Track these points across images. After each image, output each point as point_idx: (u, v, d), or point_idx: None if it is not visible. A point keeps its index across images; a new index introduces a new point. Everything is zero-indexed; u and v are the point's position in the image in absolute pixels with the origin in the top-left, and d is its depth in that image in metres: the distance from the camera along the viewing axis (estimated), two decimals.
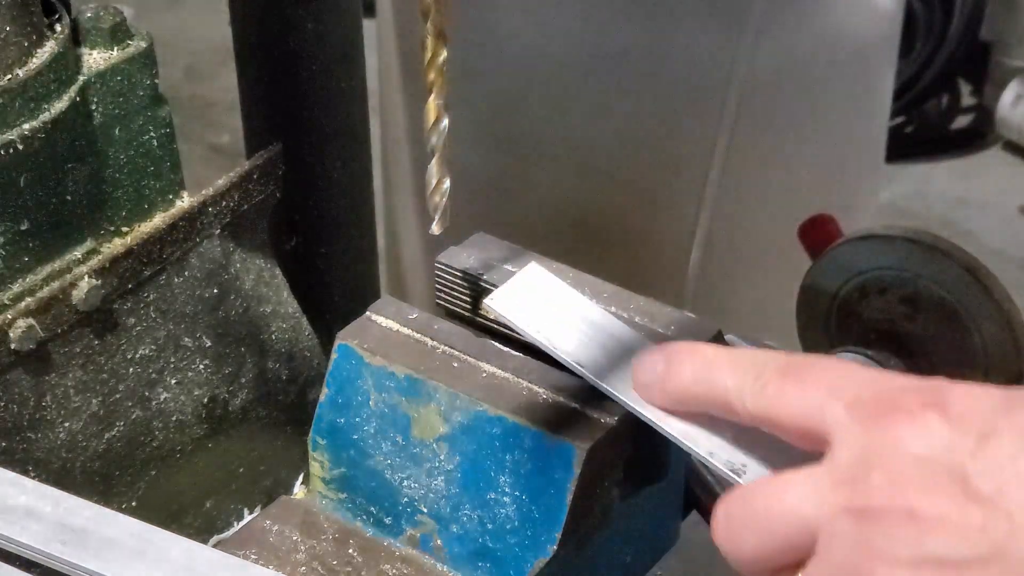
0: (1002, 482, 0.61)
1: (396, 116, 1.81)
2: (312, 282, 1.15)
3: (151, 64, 0.86)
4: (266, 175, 0.93)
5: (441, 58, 0.77)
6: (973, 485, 0.61)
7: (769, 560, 0.67)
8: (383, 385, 0.78)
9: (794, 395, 0.67)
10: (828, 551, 0.64)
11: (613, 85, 1.64)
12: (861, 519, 0.63)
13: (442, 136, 0.79)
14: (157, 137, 0.88)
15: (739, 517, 0.68)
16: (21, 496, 0.75)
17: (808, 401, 0.67)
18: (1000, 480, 0.61)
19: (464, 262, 0.85)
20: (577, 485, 0.73)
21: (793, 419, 0.67)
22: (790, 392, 0.67)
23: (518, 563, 0.75)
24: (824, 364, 0.68)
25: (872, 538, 0.63)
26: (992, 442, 0.62)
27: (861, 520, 0.63)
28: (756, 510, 0.67)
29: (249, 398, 0.95)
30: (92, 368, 0.85)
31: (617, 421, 0.74)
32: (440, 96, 0.78)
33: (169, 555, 0.73)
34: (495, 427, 0.75)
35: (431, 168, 0.80)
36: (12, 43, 0.79)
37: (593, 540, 0.78)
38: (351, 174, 1.15)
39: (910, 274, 1.05)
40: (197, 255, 0.90)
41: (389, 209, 1.91)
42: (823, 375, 0.67)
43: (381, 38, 1.80)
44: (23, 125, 0.79)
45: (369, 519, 0.80)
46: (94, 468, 0.87)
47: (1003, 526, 0.60)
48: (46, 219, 0.83)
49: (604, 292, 0.82)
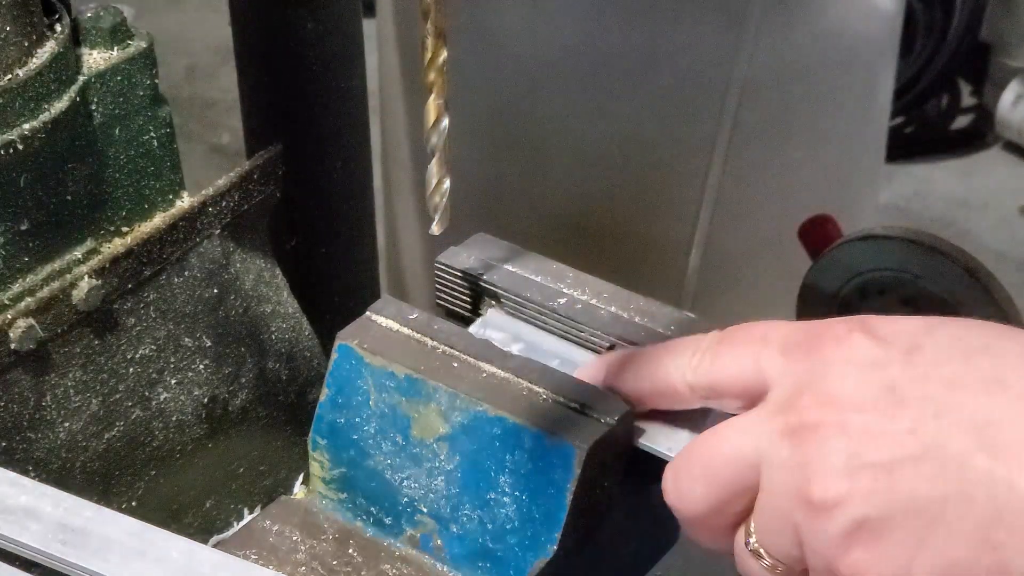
0: (928, 389, 0.62)
1: (396, 116, 1.81)
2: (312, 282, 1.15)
3: (151, 64, 0.86)
4: (266, 175, 0.93)
5: (441, 58, 0.77)
6: (900, 393, 0.63)
7: (720, 508, 0.68)
8: (383, 385, 0.78)
9: (729, 357, 0.69)
10: (770, 480, 0.65)
11: (613, 85, 1.64)
12: (795, 438, 0.64)
13: (442, 136, 0.79)
14: (157, 137, 0.88)
15: (685, 470, 0.69)
16: (21, 496, 0.75)
17: (743, 358, 0.68)
18: (926, 388, 0.62)
19: (464, 262, 0.85)
20: (577, 485, 0.73)
21: (733, 379, 0.69)
22: (725, 355, 0.69)
23: (518, 563, 0.76)
24: (752, 324, 0.70)
25: (807, 453, 0.64)
26: (917, 355, 0.64)
27: (795, 439, 0.64)
28: (701, 460, 0.69)
29: (249, 398, 0.95)
30: (92, 368, 0.85)
31: (617, 421, 0.74)
32: (440, 96, 0.78)
33: (169, 555, 0.73)
34: (495, 427, 0.75)
35: (431, 168, 0.80)
36: (12, 43, 0.79)
37: (593, 540, 0.78)
38: (351, 174, 1.15)
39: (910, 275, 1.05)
40: (197, 255, 0.90)
41: (389, 209, 1.91)
42: (752, 331, 0.69)
43: (381, 38, 1.80)
44: (23, 125, 0.79)
45: (369, 519, 0.80)
46: (94, 468, 0.87)
47: (931, 427, 0.61)
48: (46, 219, 0.83)
49: (604, 292, 0.82)
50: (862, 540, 0.62)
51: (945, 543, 0.60)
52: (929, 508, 0.61)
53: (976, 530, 0.60)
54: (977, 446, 0.60)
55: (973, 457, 0.60)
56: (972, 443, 0.60)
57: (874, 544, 0.62)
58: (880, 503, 0.62)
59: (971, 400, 0.61)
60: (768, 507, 0.65)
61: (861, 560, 0.62)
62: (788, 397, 0.66)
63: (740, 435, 0.67)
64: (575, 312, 0.81)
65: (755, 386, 0.68)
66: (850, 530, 0.62)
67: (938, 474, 0.61)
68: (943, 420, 0.61)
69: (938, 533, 0.61)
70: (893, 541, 0.61)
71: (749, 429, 0.67)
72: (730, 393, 0.69)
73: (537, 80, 1.66)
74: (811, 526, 0.63)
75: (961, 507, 0.60)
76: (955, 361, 0.63)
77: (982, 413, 0.61)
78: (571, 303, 0.82)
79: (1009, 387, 0.61)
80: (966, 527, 0.60)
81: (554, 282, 0.83)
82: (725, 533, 0.69)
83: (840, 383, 0.64)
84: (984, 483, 0.60)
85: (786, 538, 0.65)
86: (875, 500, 0.62)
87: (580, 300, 0.82)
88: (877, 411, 0.63)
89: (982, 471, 0.60)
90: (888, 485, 0.61)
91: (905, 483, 0.61)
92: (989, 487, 0.60)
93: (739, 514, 0.68)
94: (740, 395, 0.69)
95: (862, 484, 0.62)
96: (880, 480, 0.62)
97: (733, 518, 0.68)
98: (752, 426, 0.67)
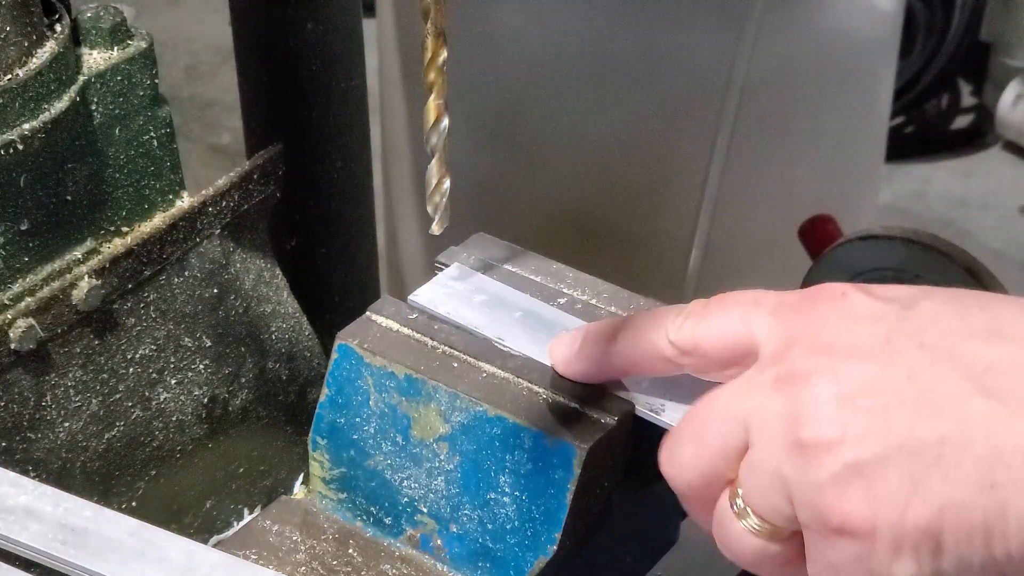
0: (926, 339, 0.62)
1: (396, 116, 1.81)
2: (312, 282, 1.15)
3: (151, 64, 0.86)
4: (266, 175, 0.93)
5: (441, 58, 0.77)
6: (896, 344, 0.62)
7: (712, 473, 0.66)
8: (383, 385, 0.78)
9: (717, 317, 0.68)
10: (759, 432, 0.64)
11: (613, 85, 1.64)
12: (786, 387, 0.63)
13: (442, 136, 0.79)
14: (157, 137, 0.88)
15: (677, 435, 0.68)
16: (21, 496, 0.75)
17: (731, 317, 0.67)
18: (924, 338, 0.62)
19: (464, 262, 0.85)
20: (577, 485, 0.73)
21: (719, 339, 0.67)
22: (714, 315, 0.68)
23: (518, 563, 0.76)
24: (743, 291, 0.69)
25: (797, 399, 0.62)
26: (913, 310, 0.63)
27: (786, 388, 0.63)
28: (692, 424, 0.67)
29: (249, 398, 0.95)
30: (92, 368, 0.86)
31: (617, 421, 0.74)
32: (440, 96, 0.78)
33: (169, 555, 0.73)
34: (495, 427, 0.75)
35: (431, 168, 0.80)
36: (12, 43, 0.79)
37: (593, 540, 0.78)
38: (351, 174, 1.15)
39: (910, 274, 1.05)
40: (197, 255, 0.90)
41: (389, 209, 1.91)
42: (743, 296, 0.68)
43: (381, 38, 1.80)
44: (23, 125, 0.79)
45: (369, 519, 0.80)
46: (94, 468, 0.87)
47: (929, 373, 0.61)
48: (46, 219, 0.83)
49: (604, 292, 0.82)
50: (855, 485, 0.61)
51: (942, 484, 0.59)
52: (926, 449, 0.60)
53: (975, 471, 0.59)
54: (976, 390, 0.60)
55: (972, 400, 0.60)
56: (971, 387, 0.60)
57: (867, 488, 0.60)
58: (874, 445, 0.60)
59: (970, 349, 0.61)
60: (757, 461, 0.64)
61: (854, 505, 0.61)
62: (779, 351, 0.64)
63: (729, 394, 0.65)
64: (575, 312, 0.81)
65: (742, 346, 0.66)
66: (842, 475, 0.61)
67: (936, 415, 0.60)
68: (941, 367, 0.61)
69: (934, 474, 0.60)
70: (887, 484, 0.60)
71: (739, 387, 0.65)
72: (715, 353, 0.67)
73: (537, 80, 1.66)
74: (801, 474, 0.62)
75: (960, 448, 0.59)
76: (952, 316, 0.62)
77: (981, 361, 0.60)
78: (571, 303, 0.82)
79: (1009, 337, 0.61)
80: (965, 468, 0.59)
81: (554, 282, 0.83)
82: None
83: (834, 333, 0.63)
84: (983, 424, 0.59)
85: (775, 493, 0.63)
86: (869, 443, 0.60)
87: (580, 300, 0.82)
88: (872, 359, 0.62)
89: (981, 413, 0.59)
90: (883, 427, 0.60)
91: (902, 424, 0.60)
92: (988, 427, 0.59)
93: (731, 479, 0.66)
94: (725, 356, 0.67)
95: (856, 427, 0.61)
96: (875, 422, 0.60)
97: (726, 482, 0.66)
98: (742, 383, 0.65)
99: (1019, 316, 0.62)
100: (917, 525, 0.60)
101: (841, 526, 0.61)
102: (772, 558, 0.65)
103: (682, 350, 0.69)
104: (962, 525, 0.60)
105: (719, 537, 0.67)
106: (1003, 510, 0.59)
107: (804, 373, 0.63)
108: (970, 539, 0.60)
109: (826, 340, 0.63)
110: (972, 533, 0.60)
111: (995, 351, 0.61)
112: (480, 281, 0.82)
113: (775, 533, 0.65)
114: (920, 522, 0.60)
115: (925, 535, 0.60)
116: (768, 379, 0.64)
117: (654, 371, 0.72)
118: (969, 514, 0.59)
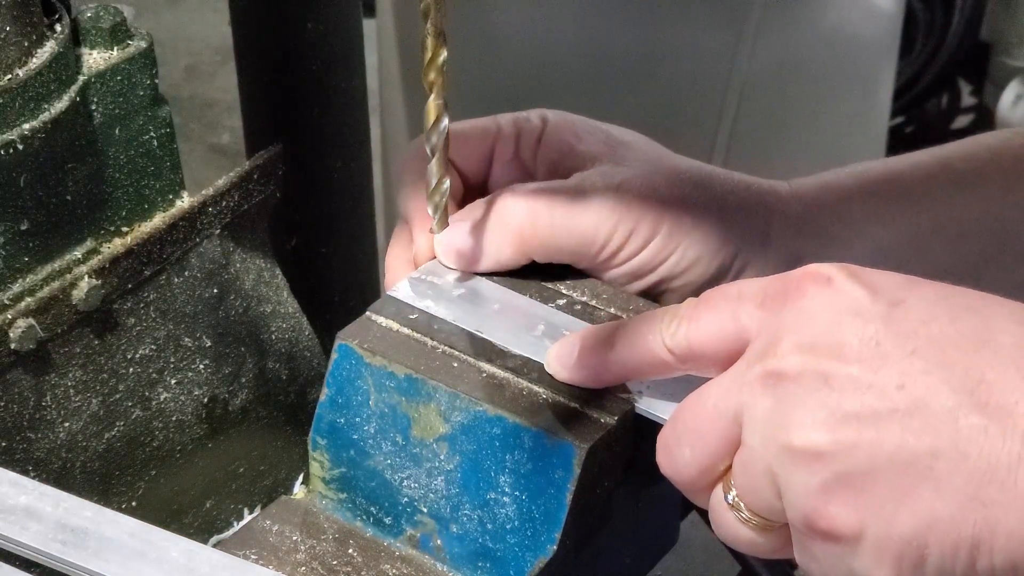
0: (916, 345, 0.61)
1: (396, 116, 1.81)
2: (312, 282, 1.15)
3: (151, 64, 0.86)
4: (266, 175, 0.93)
5: (441, 58, 0.77)
6: (885, 348, 0.62)
7: (712, 469, 0.67)
8: (383, 385, 0.78)
9: (707, 318, 0.68)
10: (751, 431, 0.64)
11: (613, 85, 1.64)
12: (776, 387, 0.63)
13: (442, 136, 0.79)
14: (157, 137, 0.88)
15: (672, 436, 0.68)
16: (21, 496, 0.75)
17: (721, 315, 0.67)
18: (914, 343, 0.61)
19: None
20: (577, 485, 0.73)
21: (712, 338, 0.68)
22: (704, 315, 0.68)
23: (518, 563, 0.76)
24: (727, 284, 0.69)
25: (788, 402, 0.63)
26: (901, 309, 0.63)
27: (776, 388, 0.63)
28: (686, 423, 0.68)
29: (249, 398, 0.95)
30: (92, 368, 0.86)
31: (617, 421, 0.74)
32: (440, 96, 0.78)
33: (169, 555, 0.73)
34: (495, 427, 0.75)
35: (431, 168, 0.80)
36: (12, 43, 0.79)
37: (593, 540, 0.78)
38: (351, 174, 1.16)
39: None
40: (197, 255, 0.90)
41: (389, 209, 1.91)
42: (727, 290, 0.68)
43: (381, 38, 1.80)
44: (23, 125, 0.79)
45: (369, 519, 0.80)
46: (94, 468, 0.87)
47: (921, 382, 0.61)
48: (46, 219, 0.83)
49: (603, 292, 0.82)
50: (843, 493, 0.61)
51: (932, 498, 0.60)
52: (917, 461, 0.60)
53: (966, 486, 0.59)
54: (970, 404, 0.59)
55: (965, 414, 0.59)
56: (964, 401, 0.60)
57: (856, 497, 0.61)
58: (864, 456, 0.60)
59: (961, 359, 0.60)
60: (749, 459, 0.64)
61: (840, 514, 0.61)
62: (767, 344, 0.64)
63: (720, 391, 0.66)
64: (574, 313, 0.81)
65: (736, 343, 0.66)
66: (831, 483, 0.61)
67: (928, 428, 0.60)
68: (933, 376, 0.60)
69: (924, 488, 0.60)
70: (875, 495, 0.60)
71: (729, 383, 0.65)
72: (711, 353, 0.68)
73: (537, 80, 1.66)
74: (791, 477, 0.62)
75: (952, 462, 0.59)
76: (941, 320, 0.62)
77: (973, 373, 0.60)
78: (570, 303, 0.81)
79: (999, 349, 0.60)
80: (956, 482, 0.59)
81: (553, 282, 0.83)
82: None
83: (821, 329, 0.63)
84: (977, 440, 0.59)
85: (766, 491, 0.64)
86: (859, 453, 0.61)
87: (579, 301, 0.82)
88: (862, 363, 0.62)
89: (976, 427, 0.59)
90: (874, 438, 0.60)
91: (892, 436, 0.60)
92: (982, 444, 0.59)
93: (727, 472, 0.67)
94: (722, 355, 0.67)
95: (846, 437, 0.61)
96: (865, 433, 0.61)
97: (723, 475, 0.67)
98: (732, 379, 0.65)
99: (1007, 321, 0.62)
100: (903, 535, 0.61)
101: (828, 531, 0.62)
102: (765, 545, 0.67)
103: (679, 355, 0.69)
104: (949, 539, 0.60)
105: (715, 524, 0.68)
106: (993, 527, 0.59)
107: (793, 373, 0.63)
108: (955, 553, 0.60)
109: (813, 336, 0.63)
110: (959, 547, 0.60)
111: (987, 363, 0.60)
112: (458, 275, 0.83)
113: (766, 526, 0.66)
114: (906, 533, 0.60)
115: (910, 546, 0.61)
116: (757, 375, 0.64)
117: (654, 375, 0.72)
118: (958, 528, 0.60)
